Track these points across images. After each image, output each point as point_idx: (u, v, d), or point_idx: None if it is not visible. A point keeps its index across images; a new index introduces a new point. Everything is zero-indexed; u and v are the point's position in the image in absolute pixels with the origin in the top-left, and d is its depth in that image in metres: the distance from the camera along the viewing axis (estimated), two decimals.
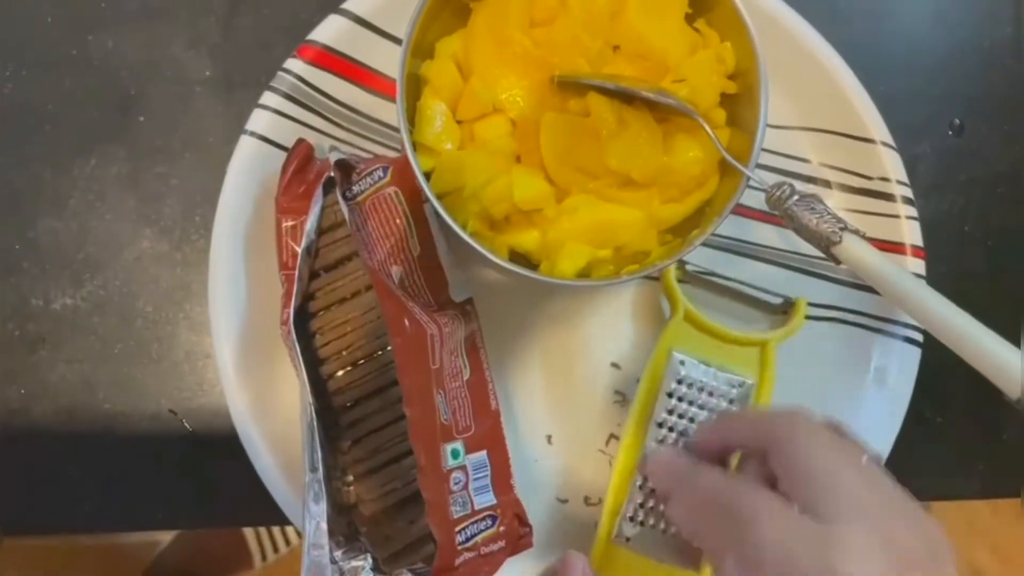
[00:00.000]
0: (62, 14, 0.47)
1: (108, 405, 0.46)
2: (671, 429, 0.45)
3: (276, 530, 1.03)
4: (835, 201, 0.50)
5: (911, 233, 0.48)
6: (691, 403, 0.45)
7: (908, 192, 0.49)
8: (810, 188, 0.50)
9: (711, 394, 0.45)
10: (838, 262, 0.43)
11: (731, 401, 0.45)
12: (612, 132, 0.43)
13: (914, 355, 0.48)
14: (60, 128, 0.47)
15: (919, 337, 0.48)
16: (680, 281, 0.47)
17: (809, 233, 0.42)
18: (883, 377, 0.48)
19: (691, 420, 0.45)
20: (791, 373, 0.48)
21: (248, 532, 1.02)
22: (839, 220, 0.42)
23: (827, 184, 0.50)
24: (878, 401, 0.48)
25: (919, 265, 0.48)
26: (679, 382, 0.45)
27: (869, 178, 0.49)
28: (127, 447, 0.46)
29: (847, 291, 0.49)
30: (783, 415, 0.35)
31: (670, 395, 0.45)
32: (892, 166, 0.49)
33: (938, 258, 0.49)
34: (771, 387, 0.46)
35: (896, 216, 0.49)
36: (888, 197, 0.49)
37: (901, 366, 0.48)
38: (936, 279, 0.48)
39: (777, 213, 0.44)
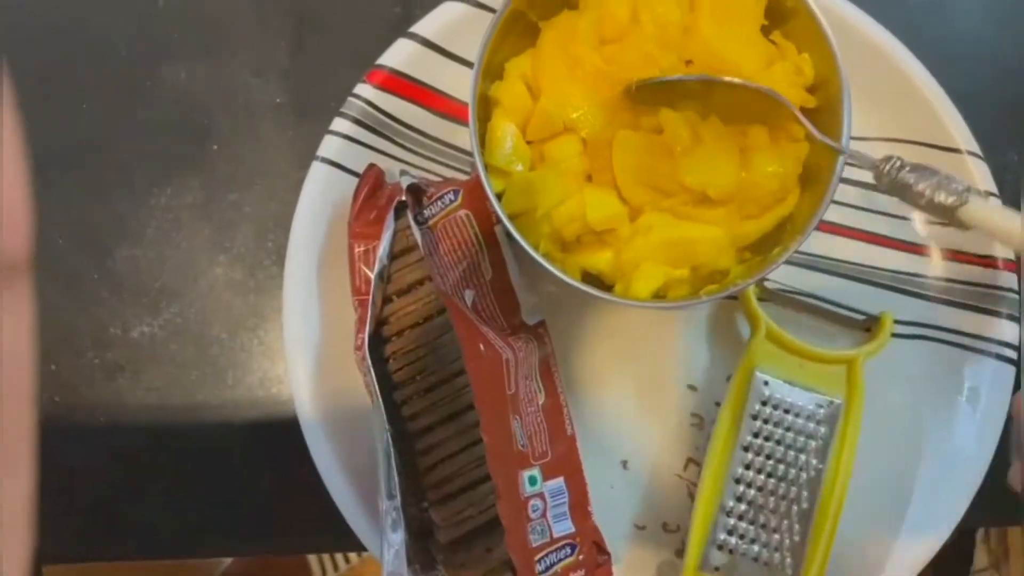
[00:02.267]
0: (135, 47, 0.48)
1: (185, 431, 0.46)
2: (758, 453, 0.44)
3: (339, 555, 1.03)
4: (919, 214, 0.48)
5: (1003, 247, 0.46)
6: (777, 425, 0.44)
7: (998, 204, 0.46)
8: (894, 200, 0.48)
9: (798, 415, 0.44)
10: (966, 227, 0.40)
11: (819, 422, 0.44)
12: (687, 148, 0.42)
13: (1008, 373, 0.46)
14: (136, 159, 0.47)
15: (1013, 355, 0.46)
16: (760, 300, 0.46)
17: (928, 202, 0.39)
18: (976, 396, 0.46)
19: (778, 443, 0.44)
20: (878, 393, 0.46)
21: (311, 557, 1.02)
22: (959, 181, 0.39)
23: None
24: (971, 422, 0.46)
25: (1011, 279, 0.46)
26: (764, 403, 0.44)
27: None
28: (203, 473, 0.47)
29: (934, 307, 0.47)
30: None
31: (755, 417, 0.44)
32: (979, 176, 0.47)
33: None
34: (861, 406, 0.44)
35: None
36: None
37: (994, 384, 0.46)
38: None
39: (885, 189, 0.40)
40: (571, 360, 0.46)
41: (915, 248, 0.48)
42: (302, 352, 0.44)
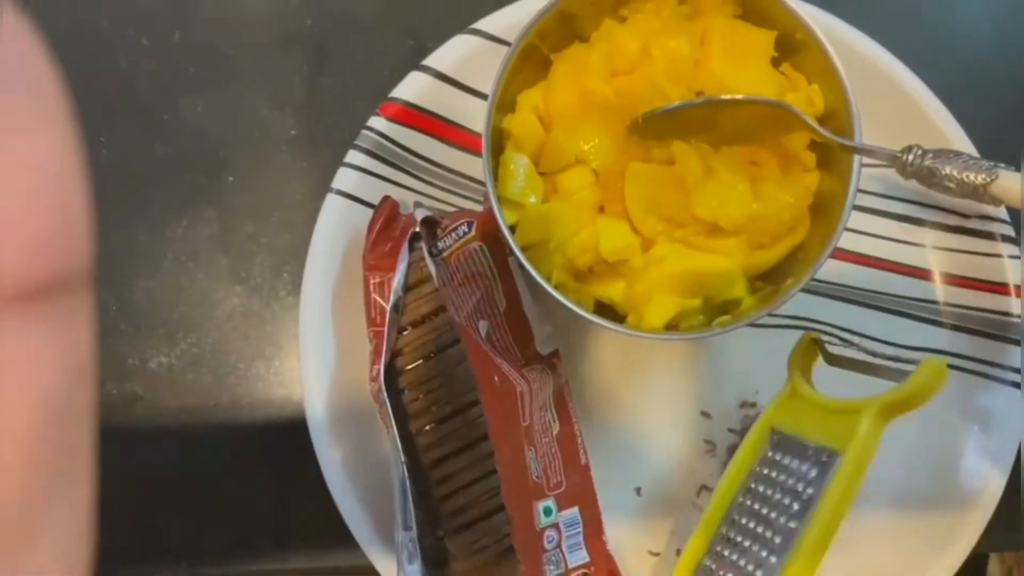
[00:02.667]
0: (153, 80, 0.49)
1: (202, 461, 0.47)
2: (753, 503, 0.42)
3: None
4: (931, 240, 0.48)
5: (1014, 272, 0.46)
6: (774, 480, 0.42)
7: (1009, 231, 0.47)
8: (904, 226, 0.48)
9: (793, 470, 0.41)
10: (998, 203, 0.40)
11: (810, 479, 0.40)
12: (698, 180, 0.43)
13: (1021, 400, 0.46)
14: (153, 190, 0.48)
15: (1019, 380, 0.46)
16: (830, 364, 0.44)
17: (959, 183, 0.39)
18: (988, 424, 0.46)
19: (770, 497, 0.41)
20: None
21: None
22: (983, 160, 0.39)
23: (920, 223, 0.48)
24: (984, 451, 0.46)
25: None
26: (771, 459, 0.42)
27: (967, 216, 0.47)
28: (220, 503, 0.47)
29: (945, 333, 0.47)
30: None
31: (760, 470, 0.42)
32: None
33: None
34: (864, 460, 0.38)
35: (997, 256, 0.47)
36: (988, 236, 0.47)
37: (1007, 411, 0.46)
38: None
39: (910, 178, 0.41)
40: (584, 388, 0.47)
41: (925, 274, 0.48)
42: (319, 382, 0.45)
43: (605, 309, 0.44)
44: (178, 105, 0.49)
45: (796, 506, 0.40)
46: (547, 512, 0.41)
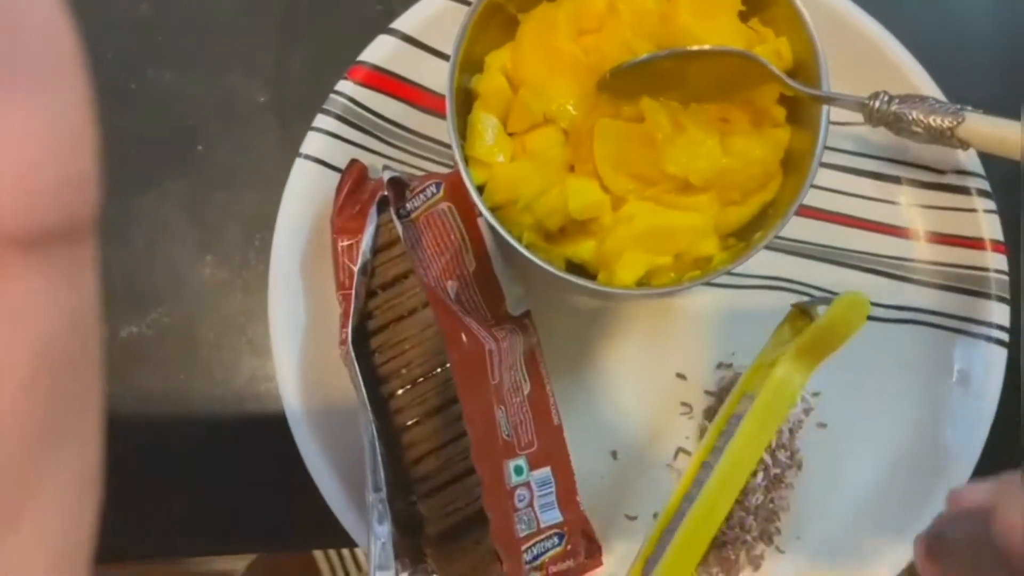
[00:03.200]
0: (120, 50, 0.49)
1: (173, 432, 0.47)
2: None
3: (347, 555, 1.03)
4: (906, 197, 0.48)
5: (990, 227, 0.46)
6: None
7: (985, 184, 0.46)
8: (878, 184, 0.48)
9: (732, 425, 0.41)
10: (966, 146, 0.39)
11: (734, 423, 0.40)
12: (668, 136, 0.42)
13: (999, 355, 0.46)
14: (122, 161, 0.48)
15: (1003, 336, 0.46)
16: None
17: (926, 127, 0.39)
18: (967, 380, 0.46)
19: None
20: (867, 380, 0.46)
21: (319, 558, 1.02)
22: (950, 103, 0.39)
23: (896, 180, 0.48)
24: (963, 407, 0.45)
25: (1000, 260, 0.46)
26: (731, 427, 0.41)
27: (942, 172, 0.47)
28: (192, 474, 0.47)
29: (922, 290, 0.47)
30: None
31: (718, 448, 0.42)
32: (967, 158, 0.46)
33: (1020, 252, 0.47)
34: (775, 404, 0.37)
35: (973, 210, 0.46)
36: (963, 191, 0.46)
37: (987, 368, 0.46)
38: (1018, 274, 0.46)
39: (878, 125, 0.41)
40: (558, 351, 0.46)
41: (901, 231, 0.48)
42: (289, 349, 0.44)
43: (576, 269, 0.43)
44: (147, 75, 0.49)
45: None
46: (518, 471, 0.40)
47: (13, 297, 0.12)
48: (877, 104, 0.39)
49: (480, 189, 0.42)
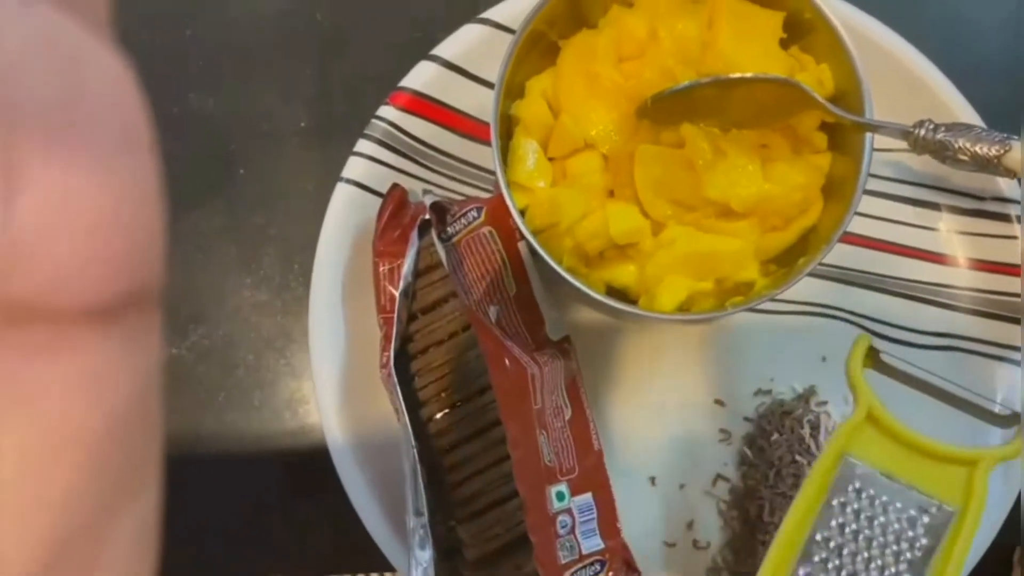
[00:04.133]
0: (162, 75, 0.49)
1: (211, 453, 0.47)
2: (839, 550, 0.37)
3: None
4: (945, 224, 0.47)
5: None
6: (869, 520, 0.37)
7: None
8: (918, 211, 0.48)
9: (896, 516, 0.37)
10: (1012, 175, 0.39)
11: (921, 529, 0.37)
12: (708, 162, 0.42)
13: None
14: (169, 183, 0.48)
15: None
16: (872, 368, 0.40)
17: (972, 156, 0.38)
18: (1009, 407, 0.45)
19: (866, 544, 0.37)
20: (907, 407, 0.45)
21: None
22: (996, 132, 0.38)
23: (936, 207, 0.48)
24: (1007, 434, 0.45)
25: None
26: (855, 493, 0.38)
27: (981, 199, 0.47)
28: (229, 495, 0.47)
29: (961, 317, 0.47)
30: None
31: (843, 504, 0.38)
32: (1007, 185, 0.46)
33: None
34: (978, 518, 0.36)
35: (1013, 237, 0.46)
36: (1003, 218, 0.46)
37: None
38: None
39: (922, 153, 0.40)
40: (596, 377, 0.46)
41: (940, 258, 0.47)
42: (329, 372, 0.45)
43: (616, 295, 0.43)
44: (188, 99, 0.49)
45: (909, 555, 0.37)
46: (560, 497, 0.40)
47: (87, 370, 0.12)
48: (923, 132, 0.39)
49: (522, 213, 0.42)
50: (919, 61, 0.47)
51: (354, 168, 0.46)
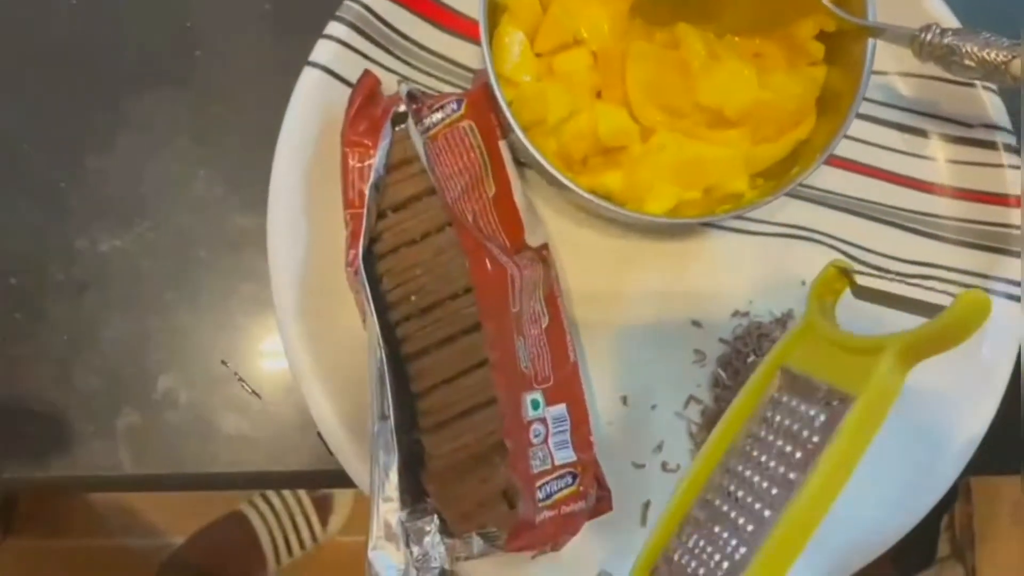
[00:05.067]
0: None
1: (157, 356, 0.43)
2: (746, 457, 0.35)
3: (291, 532, 1.00)
4: (933, 151, 0.46)
5: (1014, 183, 0.45)
6: (777, 427, 0.35)
7: (1012, 139, 0.45)
8: (905, 137, 0.47)
9: (799, 416, 0.35)
10: (1018, 82, 0.38)
11: (817, 425, 0.33)
12: (703, 65, 0.40)
13: (1015, 312, 0.45)
14: (112, 61, 0.44)
15: (1019, 293, 0.45)
16: (854, 295, 0.38)
17: (979, 61, 0.37)
18: (983, 337, 0.45)
19: (769, 447, 0.35)
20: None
21: (262, 532, 0.99)
22: (1004, 38, 0.37)
23: (924, 134, 0.47)
24: (978, 363, 0.44)
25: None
26: (778, 401, 0.36)
27: (970, 126, 0.46)
28: (178, 399, 0.44)
29: (943, 247, 0.46)
30: None
31: (760, 419, 0.36)
32: (995, 111, 0.45)
33: None
34: (881, 405, 0.31)
35: (999, 165, 0.45)
36: (990, 145, 0.46)
37: (1002, 324, 0.44)
38: None
39: (927, 60, 0.39)
40: (572, 292, 0.44)
41: (927, 186, 0.46)
42: (288, 271, 0.41)
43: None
44: None
45: (799, 454, 0.34)
46: (535, 405, 0.38)
47: None
48: (929, 37, 0.37)
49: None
50: None
51: (323, 52, 0.42)
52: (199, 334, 0.44)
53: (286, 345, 0.41)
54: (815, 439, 0.33)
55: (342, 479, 0.41)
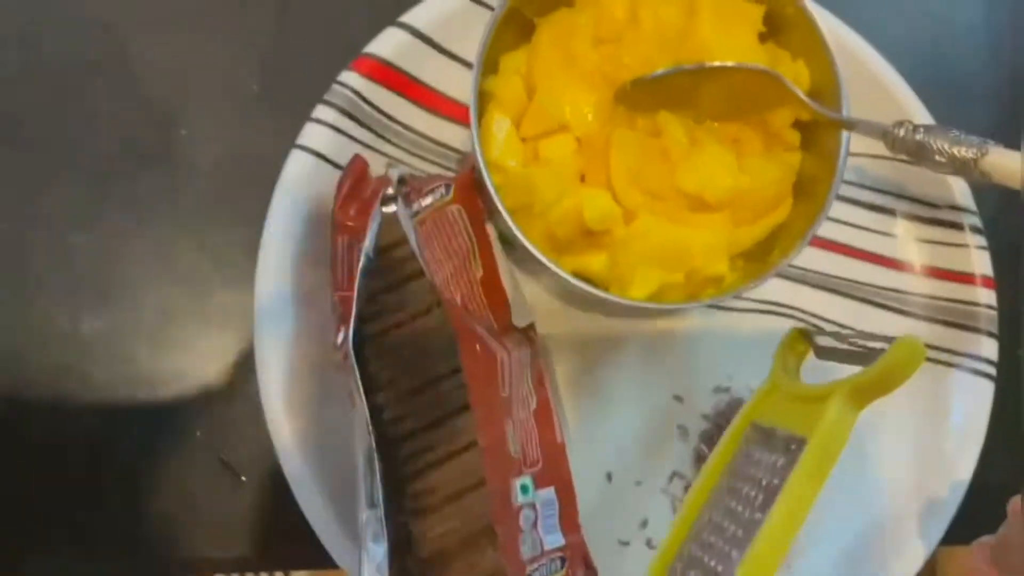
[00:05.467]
0: (103, 24, 0.45)
1: (142, 440, 0.43)
2: (722, 511, 0.37)
3: None
4: (902, 230, 0.48)
5: (981, 263, 0.47)
6: (744, 479, 0.37)
7: (977, 221, 0.47)
8: (875, 216, 0.48)
9: (762, 465, 0.37)
10: (987, 179, 0.38)
11: (777, 468, 0.35)
12: (684, 151, 0.41)
13: (987, 389, 0.46)
14: (97, 141, 0.44)
15: (992, 371, 0.46)
16: (819, 357, 0.41)
17: (949, 157, 0.38)
18: (958, 412, 0.46)
19: (737, 497, 0.37)
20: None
21: None
22: (973, 136, 0.38)
23: (892, 213, 0.49)
24: (953, 437, 0.46)
25: (990, 296, 0.47)
26: (747, 455, 0.38)
27: (937, 207, 0.48)
28: (164, 485, 0.43)
29: (915, 323, 0.47)
30: None
31: (733, 472, 0.38)
32: (960, 194, 0.47)
33: (1008, 288, 0.48)
34: (831, 446, 0.33)
35: (965, 246, 0.47)
36: (956, 226, 0.47)
37: (975, 401, 0.46)
38: (1007, 309, 0.47)
39: (898, 153, 0.40)
40: (556, 369, 0.44)
41: (897, 264, 0.48)
42: (275, 353, 0.41)
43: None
44: (128, 48, 0.45)
45: (761, 497, 0.36)
46: (524, 490, 0.38)
47: None
48: (901, 132, 0.39)
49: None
50: (883, 68, 0.47)
51: (311, 135, 0.43)
52: (186, 420, 0.43)
53: (272, 430, 0.41)
54: (775, 481, 0.35)
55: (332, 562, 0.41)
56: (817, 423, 0.33)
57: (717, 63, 0.40)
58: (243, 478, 0.43)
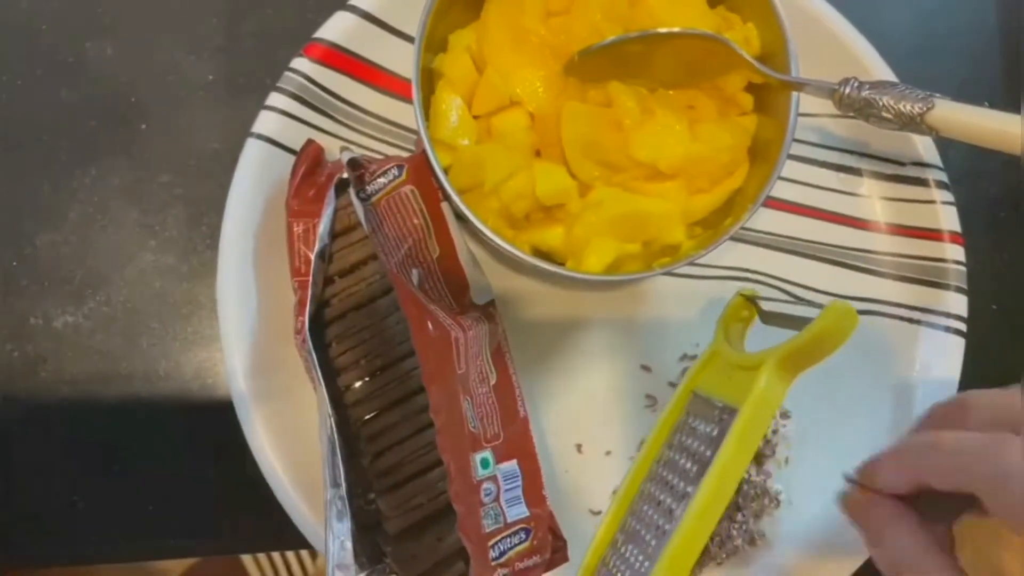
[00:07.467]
0: (58, 21, 0.46)
1: (114, 428, 0.44)
2: (660, 484, 0.38)
3: (277, 559, 0.99)
4: (868, 189, 0.48)
5: (948, 219, 0.46)
6: (681, 450, 0.38)
7: (943, 176, 0.47)
8: (840, 176, 0.48)
9: (698, 436, 0.37)
10: (934, 133, 0.38)
11: (711, 439, 0.36)
12: (636, 121, 0.41)
13: (958, 345, 0.46)
14: (58, 138, 0.45)
15: (962, 327, 0.46)
16: (765, 323, 0.41)
17: (896, 113, 0.38)
18: (928, 370, 0.46)
19: (674, 470, 0.38)
20: (832, 371, 0.46)
21: (248, 562, 0.98)
22: (920, 90, 0.38)
23: (857, 172, 0.48)
24: (926, 397, 0.46)
25: (958, 251, 0.46)
26: (686, 425, 0.39)
27: (902, 164, 0.47)
28: (135, 472, 0.44)
29: (883, 282, 0.47)
30: (989, 443, 0.27)
31: (671, 443, 0.39)
32: (926, 150, 0.47)
33: (976, 245, 0.47)
34: (761, 415, 0.33)
35: (932, 202, 0.47)
36: (922, 183, 0.47)
37: (945, 358, 0.46)
38: (975, 267, 0.46)
39: (847, 111, 0.40)
40: (522, 342, 0.45)
41: (863, 223, 0.48)
42: (240, 339, 0.42)
43: (543, 258, 0.42)
44: (86, 48, 0.46)
45: (696, 469, 0.36)
46: (484, 464, 0.39)
47: None
48: (847, 90, 0.39)
49: (445, 172, 0.40)
50: (837, 21, 0.47)
51: (265, 123, 0.43)
52: (155, 405, 0.44)
53: (239, 413, 0.42)
54: (708, 453, 0.35)
55: (301, 542, 0.42)
56: (750, 392, 0.33)
57: (663, 30, 0.40)
58: (215, 464, 0.44)
